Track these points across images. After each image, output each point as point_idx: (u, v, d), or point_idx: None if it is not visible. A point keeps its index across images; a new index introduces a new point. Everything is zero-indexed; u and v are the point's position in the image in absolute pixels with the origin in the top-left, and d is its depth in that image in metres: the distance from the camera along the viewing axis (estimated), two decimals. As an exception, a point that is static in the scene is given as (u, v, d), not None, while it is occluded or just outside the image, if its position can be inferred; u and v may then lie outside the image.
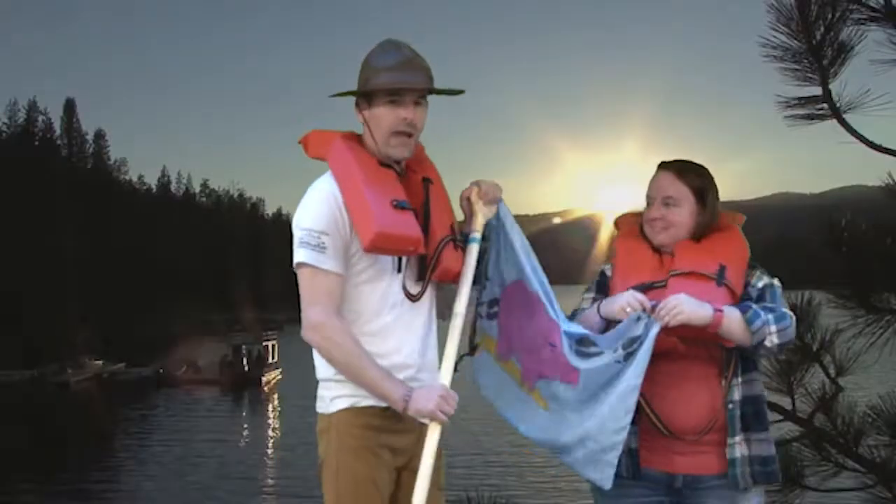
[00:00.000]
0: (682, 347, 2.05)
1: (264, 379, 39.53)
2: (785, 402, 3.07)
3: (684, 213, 2.14)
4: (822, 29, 2.88)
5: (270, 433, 27.61)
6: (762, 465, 2.04)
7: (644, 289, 2.09)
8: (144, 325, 64.24)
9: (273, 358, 42.43)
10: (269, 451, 24.19)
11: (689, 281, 2.05)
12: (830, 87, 2.93)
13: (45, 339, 49.61)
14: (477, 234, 2.13)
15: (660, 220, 2.16)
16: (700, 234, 2.15)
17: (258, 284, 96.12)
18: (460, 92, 2.14)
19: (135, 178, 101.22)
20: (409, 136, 2.03)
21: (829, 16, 2.87)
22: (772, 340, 1.94)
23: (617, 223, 2.37)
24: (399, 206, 1.97)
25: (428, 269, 2.06)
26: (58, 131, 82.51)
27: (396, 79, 1.99)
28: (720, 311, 1.92)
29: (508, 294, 2.21)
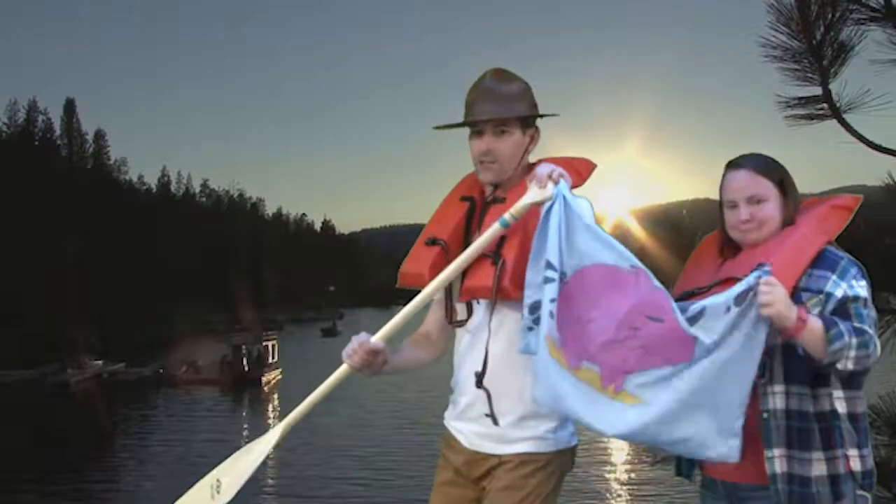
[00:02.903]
0: None
1: (264, 379, 39.53)
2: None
3: (773, 207, 2.00)
4: (822, 29, 2.88)
5: (270, 433, 27.58)
6: (801, 485, 1.89)
7: (689, 295, 2.01)
8: (144, 324, 64.21)
9: (273, 358, 42.44)
10: (269, 451, 24.16)
11: (727, 287, 1.90)
12: (830, 87, 2.93)
13: (45, 340, 49.61)
14: (505, 216, 1.98)
15: (750, 222, 2.00)
16: (786, 226, 2.01)
17: (258, 284, 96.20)
18: (552, 115, 2.18)
19: (135, 178, 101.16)
20: (492, 163, 2.09)
21: (829, 16, 2.87)
22: (846, 365, 1.77)
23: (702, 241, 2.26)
24: (429, 243, 2.08)
25: (456, 292, 2.10)
26: (58, 131, 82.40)
27: (467, 113, 2.11)
28: (803, 321, 1.76)
29: (574, 284, 1.93)
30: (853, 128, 2.90)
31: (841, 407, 1.91)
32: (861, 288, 1.88)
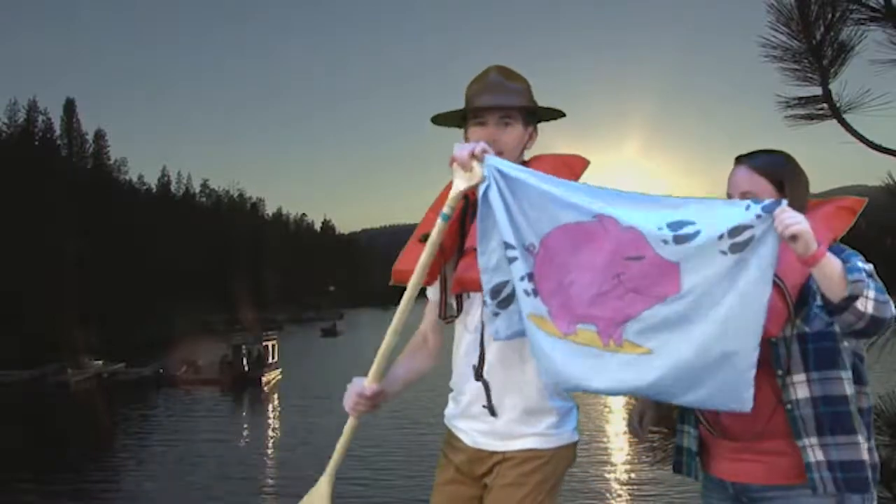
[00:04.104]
0: None
1: (264, 379, 39.52)
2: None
3: None
4: (822, 29, 2.88)
5: (270, 433, 27.59)
6: (845, 470, 1.86)
7: None
8: (144, 324, 64.22)
9: (273, 358, 42.43)
10: (269, 451, 24.18)
11: None
12: (830, 87, 2.93)
13: (45, 339, 49.61)
14: (444, 210, 1.94)
15: None
16: None
17: (258, 284, 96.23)
18: (558, 114, 2.20)
19: (135, 178, 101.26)
20: (496, 154, 2.07)
21: (829, 16, 2.87)
22: (866, 305, 1.68)
23: None
24: (423, 240, 2.04)
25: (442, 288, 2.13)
26: (58, 131, 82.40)
27: (470, 104, 2.11)
28: (825, 248, 1.70)
29: (544, 254, 1.88)
30: (853, 128, 2.90)
31: (858, 399, 1.93)
32: (865, 265, 1.82)
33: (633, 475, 18.41)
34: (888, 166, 2.94)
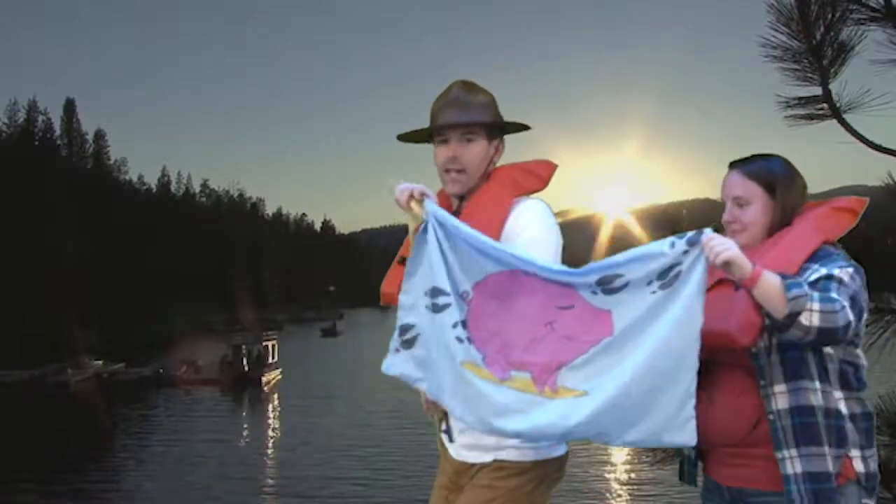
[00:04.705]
0: (716, 355, 1.91)
1: (264, 379, 39.52)
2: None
3: (756, 211, 1.99)
4: (822, 29, 2.88)
5: (270, 433, 27.59)
6: (811, 482, 1.84)
7: None
8: (144, 324, 64.22)
9: (273, 358, 42.42)
10: (269, 451, 24.18)
11: (714, 292, 1.83)
12: (830, 87, 2.93)
13: (45, 339, 49.60)
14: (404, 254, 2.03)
15: (734, 223, 2.00)
16: (777, 231, 1.98)
17: (258, 284, 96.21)
18: (522, 127, 2.20)
19: (135, 178, 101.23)
20: (459, 171, 2.10)
21: (829, 16, 2.87)
22: (810, 319, 1.67)
23: None
24: (402, 262, 2.06)
25: None
26: (58, 131, 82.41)
27: (433, 122, 2.12)
28: (760, 269, 1.70)
29: (477, 302, 1.91)
30: (853, 128, 2.90)
31: (843, 407, 1.89)
32: (841, 271, 1.82)
33: (633, 475, 18.41)
34: (888, 166, 2.94)
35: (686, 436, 1.74)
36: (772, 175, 2.00)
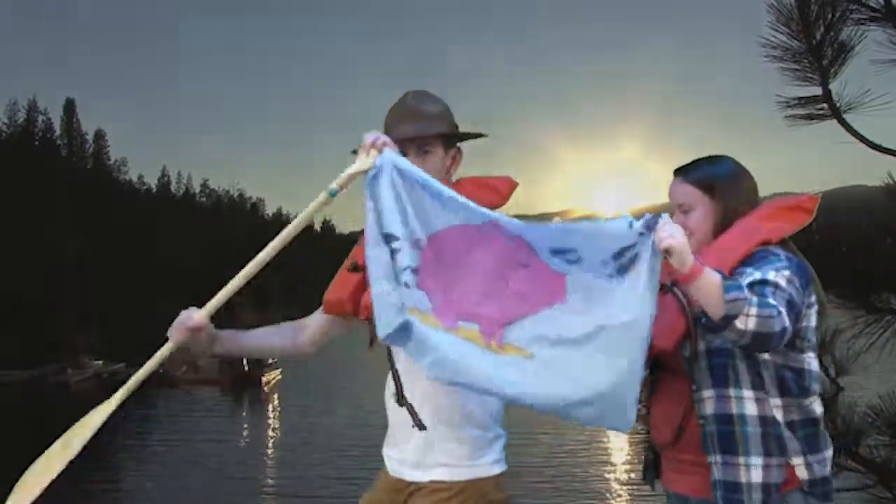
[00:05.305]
0: (660, 358, 1.90)
1: (264, 379, 39.53)
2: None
3: (699, 216, 1.98)
4: (822, 29, 2.89)
5: (270, 433, 27.59)
6: (726, 491, 1.83)
7: None
8: (145, 324, 64.17)
9: (273, 358, 42.42)
10: (269, 451, 24.18)
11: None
12: (830, 87, 2.94)
13: (45, 339, 49.60)
14: (332, 185, 1.96)
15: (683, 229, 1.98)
16: (721, 232, 1.96)
17: (258, 285, 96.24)
18: (478, 136, 2.17)
19: (135, 178, 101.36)
20: None
21: (829, 16, 2.87)
22: (746, 323, 1.62)
23: None
24: (352, 270, 2.07)
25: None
26: (58, 131, 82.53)
27: (391, 133, 2.04)
28: (701, 265, 1.65)
29: (433, 251, 1.86)
30: (853, 128, 2.91)
31: (779, 414, 1.85)
32: (777, 274, 1.76)
33: (633, 475, 18.39)
34: (888, 166, 2.95)
35: (624, 422, 1.72)
36: (711, 178, 1.99)
